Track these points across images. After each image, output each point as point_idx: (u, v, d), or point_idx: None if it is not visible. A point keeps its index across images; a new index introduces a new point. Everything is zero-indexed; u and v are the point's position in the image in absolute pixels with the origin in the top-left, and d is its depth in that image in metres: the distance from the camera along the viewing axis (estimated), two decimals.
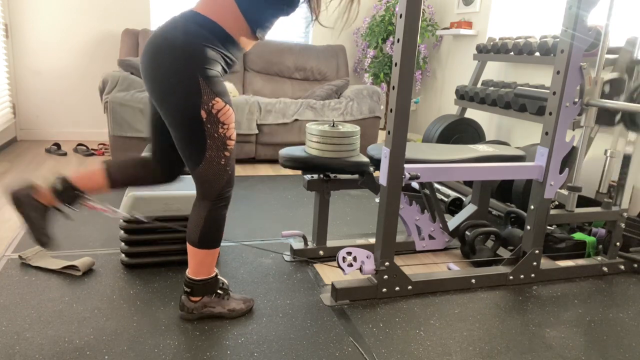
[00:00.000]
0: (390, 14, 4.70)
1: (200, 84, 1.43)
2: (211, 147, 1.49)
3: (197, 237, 1.58)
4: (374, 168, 2.13)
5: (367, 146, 4.23)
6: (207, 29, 1.44)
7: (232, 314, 1.70)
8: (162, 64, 1.42)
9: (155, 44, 1.44)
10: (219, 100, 1.47)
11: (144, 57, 1.47)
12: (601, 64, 2.04)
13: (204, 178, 1.53)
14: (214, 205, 1.56)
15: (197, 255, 1.60)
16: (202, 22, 1.44)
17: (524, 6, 4.03)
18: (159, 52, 1.42)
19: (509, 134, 3.95)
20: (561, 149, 1.97)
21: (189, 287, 1.64)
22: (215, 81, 1.46)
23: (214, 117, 1.47)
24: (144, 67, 1.47)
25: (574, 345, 1.68)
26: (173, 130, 1.50)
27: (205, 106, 1.44)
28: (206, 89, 1.44)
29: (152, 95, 1.49)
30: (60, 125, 4.46)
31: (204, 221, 1.56)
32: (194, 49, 1.41)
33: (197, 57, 1.41)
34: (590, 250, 2.41)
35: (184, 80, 1.41)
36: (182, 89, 1.42)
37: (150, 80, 1.46)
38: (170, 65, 1.41)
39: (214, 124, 1.47)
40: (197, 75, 1.42)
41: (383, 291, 1.90)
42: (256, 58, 4.51)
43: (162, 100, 1.46)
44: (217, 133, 1.49)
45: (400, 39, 1.65)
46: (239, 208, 2.87)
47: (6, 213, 2.57)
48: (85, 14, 4.29)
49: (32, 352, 1.45)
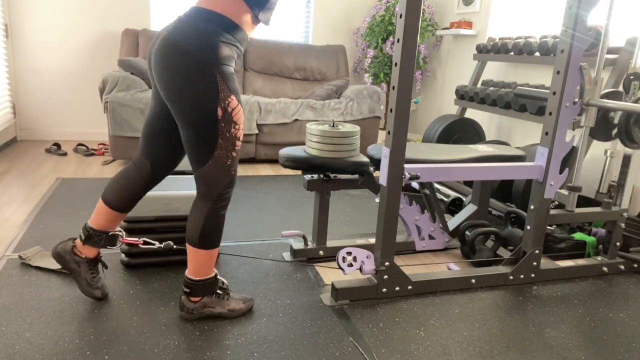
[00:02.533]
0: (390, 14, 4.70)
1: (217, 80, 1.43)
2: (221, 147, 1.49)
3: (197, 237, 1.57)
4: (374, 168, 2.13)
5: (367, 146, 4.23)
6: (215, 23, 1.43)
7: (232, 314, 1.70)
8: (176, 64, 1.41)
9: (167, 44, 1.42)
10: (233, 99, 1.47)
11: (157, 59, 1.45)
12: (601, 64, 2.04)
13: (208, 177, 1.53)
14: (215, 205, 1.56)
15: (197, 256, 1.60)
16: (208, 17, 1.43)
17: (524, 6, 4.03)
18: (172, 52, 1.41)
19: (509, 134, 3.95)
20: (561, 149, 1.97)
21: (188, 288, 1.64)
22: (231, 78, 1.47)
23: (228, 115, 1.47)
24: (157, 69, 1.46)
25: (574, 345, 1.68)
26: (185, 129, 1.49)
27: (222, 103, 1.45)
28: (223, 85, 1.44)
29: (166, 95, 1.47)
30: (60, 125, 4.46)
31: (204, 221, 1.56)
32: (209, 46, 1.41)
33: (213, 54, 1.41)
34: (590, 250, 2.41)
35: (201, 78, 1.41)
36: (200, 87, 1.42)
37: (165, 81, 1.45)
38: (186, 65, 1.40)
39: (228, 123, 1.48)
40: (215, 72, 1.42)
41: (383, 291, 1.90)
42: (256, 58, 4.51)
43: (178, 99, 1.44)
44: (229, 132, 1.49)
45: (400, 39, 1.65)
46: (239, 208, 2.87)
47: (6, 213, 2.57)
48: (85, 14, 4.29)
49: (32, 352, 1.45)
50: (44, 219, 2.50)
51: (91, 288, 1.73)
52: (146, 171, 1.67)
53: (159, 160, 1.66)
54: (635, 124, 2.05)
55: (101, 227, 1.70)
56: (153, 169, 1.67)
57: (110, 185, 1.70)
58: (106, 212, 1.69)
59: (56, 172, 3.40)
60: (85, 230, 1.70)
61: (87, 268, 1.71)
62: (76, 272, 1.71)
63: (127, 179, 1.68)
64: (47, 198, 2.82)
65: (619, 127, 2.09)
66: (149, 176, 1.68)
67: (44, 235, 2.30)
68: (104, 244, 1.71)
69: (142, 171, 1.67)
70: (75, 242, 1.72)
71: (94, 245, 1.70)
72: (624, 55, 2.69)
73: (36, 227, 2.40)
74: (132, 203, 1.71)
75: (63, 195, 2.88)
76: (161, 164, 1.67)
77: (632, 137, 2.06)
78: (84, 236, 1.70)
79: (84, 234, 1.70)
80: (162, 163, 1.67)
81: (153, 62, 1.48)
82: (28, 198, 2.82)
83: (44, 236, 2.29)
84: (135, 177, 1.67)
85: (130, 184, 1.68)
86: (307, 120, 4.02)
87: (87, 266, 1.71)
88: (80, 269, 1.71)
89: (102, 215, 1.69)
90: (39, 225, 2.42)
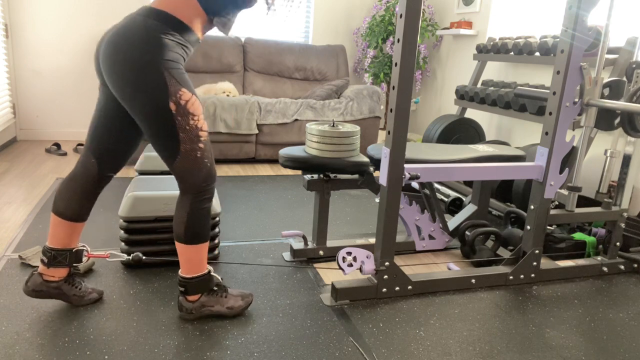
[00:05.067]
0: (390, 14, 4.70)
1: (164, 76, 1.42)
2: (184, 140, 1.49)
3: (182, 233, 1.57)
4: (374, 168, 2.13)
5: (367, 146, 4.23)
6: (162, 22, 1.44)
7: (232, 312, 1.70)
8: (124, 61, 1.41)
9: (114, 42, 1.42)
10: (185, 91, 1.47)
11: (105, 57, 1.45)
12: (601, 64, 2.04)
13: (182, 172, 1.53)
14: (196, 199, 1.56)
15: (185, 252, 1.59)
16: (156, 16, 1.44)
17: (524, 6, 4.03)
18: (119, 49, 1.41)
19: (509, 134, 3.95)
20: (561, 149, 1.97)
21: (182, 286, 1.63)
22: (179, 72, 1.47)
23: (183, 108, 1.46)
24: (106, 67, 1.45)
25: (574, 345, 1.68)
26: (145, 128, 1.49)
27: (173, 97, 1.44)
28: (171, 80, 1.44)
29: (118, 93, 1.46)
30: (60, 125, 4.46)
31: (187, 216, 1.56)
32: (155, 43, 1.41)
33: (157, 49, 1.41)
34: (590, 250, 2.41)
35: (148, 74, 1.41)
36: (148, 83, 1.41)
37: (114, 79, 1.44)
38: (133, 61, 1.40)
39: (184, 116, 1.47)
40: (161, 68, 1.42)
41: (383, 291, 1.90)
42: (256, 58, 4.51)
43: (130, 97, 1.44)
44: (188, 125, 1.48)
45: (400, 39, 1.65)
46: (239, 208, 2.87)
47: (6, 213, 2.57)
48: (85, 14, 4.29)
49: (32, 352, 1.45)
50: (44, 219, 2.50)
51: (84, 298, 1.71)
52: (93, 169, 1.62)
53: (106, 157, 1.62)
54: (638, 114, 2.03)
55: (63, 245, 1.64)
56: (100, 167, 1.62)
57: (58, 196, 1.63)
58: (62, 225, 1.63)
59: (56, 172, 3.40)
60: (47, 252, 1.63)
61: (68, 287, 1.67)
62: (62, 296, 1.67)
63: (74, 181, 1.63)
64: (47, 198, 2.82)
65: (622, 116, 2.08)
66: (96, 175, 1.63)
67: (44, 235, 2.30)
68: (70, 261, 1.65)
69: (89, 170, 1.62)
70: (39, 270, 1.65)
71: (60, 266, 1.64)
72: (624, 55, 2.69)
73: (36, 227, 2.40)
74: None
75: None
76: (108, 162, 1.63)
77: (635, 126, 2.05)
78: (46, 259, 1.62)
79: (46, 257, 1.62)
80: (108, 160, 1.63)
81: (102, 59, 1.47)
82: (28, 198, 2.82)
83: (44, 236, 2.29)
84: (83, 177, 1.62)
85: (78, 185, 1.62)
86: (307, 120, 4.02)
87: (67, 285, 1.67)
88: (63, 291, 1.67)
89: (59, 231, 1.63)
90: (39, 225, 2.42)
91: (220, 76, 4.39)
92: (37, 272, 1.65)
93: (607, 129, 2.15)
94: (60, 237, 1.63)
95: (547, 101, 1.97)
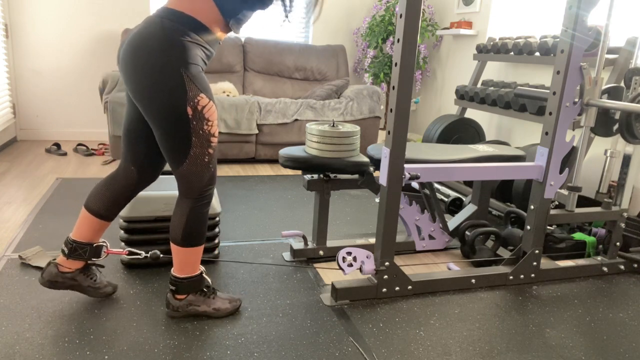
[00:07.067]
0: (390, 14, 4.70)
1: (184, 80, 1.42)
2: (196, 145, 1.49)
3: (179, 236, 1.57)
4: (374, 168, 2.13)
5: (367, 146, 4.23)
6: (182, 23, 1.43)
7: (217, 313, 1.69)
8: (143, 64, 1.40)
9: (134, 45, 1.42)
10: (203, 97, 1.46)
11: (124, 59, 1.45)
12: (601, 64, 2.04)
13: (187, 176, 1.53)
14: (196, 203, 1.56)
15: (181, 254, 1.60)
16: (176, 17, 1.43)
17: (524, 6, 4.03)
18: (139, 52, 1.41)
19: (509, 134, 3.95)
20: (561, 149, 1.97)
21: (173, 285, 1.64)
22: (199, 76, 1.46)
23: (199, 113, 1.46)
24: (125, 69, 1.45)
25: (574, 345, 1.68)
26: (157, 129, 1.48)
27: (191, 102, 1.44)
28: (190, 84, 1.43)
29: (135, 96, 1.46)
30: (60, 125, 4.46)
31: (186, 219, 1.56)
32: (175, 46, 1.40)
33: (178, 52, 1.40)
34: (590, 250, 2.41)
35: (168, 77, 1.40)
36: (167, 86, 1.41)
37: (133, 82, 1.44)
38: (153, 64, 1.40)
39: (200, 121, 1.47)
40: (181, 71, 1.41)
41: (383, 291, 1.90)
42: (256, 58, 4.51)
43: (147, 99, 1.44)
44: (202, 130, 1.48)
45: (400, 39, 1.65)
46: (239, 208, 2.87)
47: (6, 213, 2.57)
48: (85, 14, 4.29)
49: (32, 352, 1.45)
50: (44, 219, 2.50)
51: (99, 290, 1.73)
52: (133, 177, 1.66)
53: (144, 164, 1.65)
54: (636, 120, 2.04)
55: (85, 239, 1.66)
56: (140, 174, 1.66)
57: (95, 194, 1.66)
58: (91, 221, 1.65)
59: (56, 172, 3.40)
60: (69, 243, 1.66)
61: (83, 277, 1.69)
62: (77, 287, 1.69)
63: (115, 186, 1.66)
64: (47, 198, 2.82)
65: (620, 123, 2.08)
66: (136, 181, 1.67)
67: (44, 235, 2.30)
68: (89, 256, 1.67)
69: (129, 178, 1.66)
70: (57, 259, 1.68)
71: (79, 258, 1.66)
72: (624, 55, 2.69)
73: (36, 227, 2.40)
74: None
75: (63, 195, 2.88)
76: (147, 168, 1.66)
77: (633, 132, 2.05)
78: (67, 250, 1.65)
79: (67, 248, 1.65)
80: (147, 167, 1.66)
81: (121, 64, 1.47)
82: (28, 198, 2.82)
83: (44, 236, 2.29)
84: (123, 183, 1.66)
85: (118, 190, 1.66)
86: (307, 120, 4.02)
87: (82, 275, 1.69)
88: (79, 282, 1.69)
89: (86, 226, 1.66)
90: (39, 225, 2.42)
91: (220, 76, 4.39)
92: (54, 261, 1.67)
93: (605, 135, 2.15)
94: (85, 231, 1.66)
95: (547, 101, 1.97)
